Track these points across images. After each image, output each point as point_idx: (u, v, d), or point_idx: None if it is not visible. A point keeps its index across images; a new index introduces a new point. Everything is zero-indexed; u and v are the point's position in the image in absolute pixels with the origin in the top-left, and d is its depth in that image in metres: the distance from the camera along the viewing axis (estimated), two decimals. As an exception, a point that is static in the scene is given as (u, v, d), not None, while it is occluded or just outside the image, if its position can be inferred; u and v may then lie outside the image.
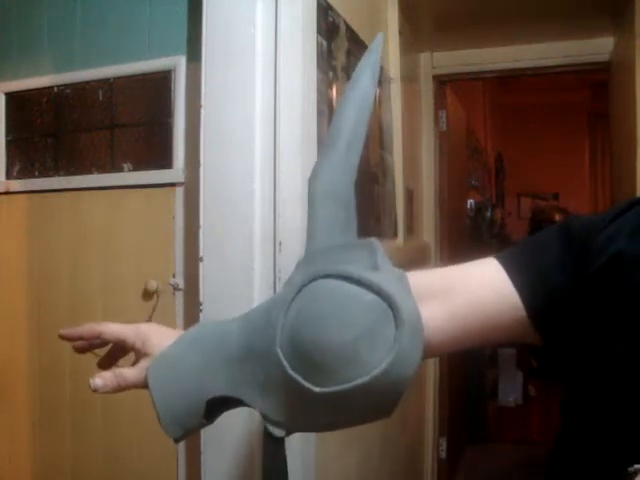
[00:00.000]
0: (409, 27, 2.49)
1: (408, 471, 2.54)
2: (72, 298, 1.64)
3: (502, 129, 6.09)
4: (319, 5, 1.42)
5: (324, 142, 0.65)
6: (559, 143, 5.94)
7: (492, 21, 2.59)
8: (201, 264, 1.28)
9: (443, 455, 3.00)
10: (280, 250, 1.25)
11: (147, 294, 1.53)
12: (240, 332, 0.60)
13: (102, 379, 0.63)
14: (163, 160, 1.54)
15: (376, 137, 2.00)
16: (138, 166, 1.58)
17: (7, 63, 1.76)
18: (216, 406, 0.61)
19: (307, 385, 0.53)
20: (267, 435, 0.58)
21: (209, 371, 0.60)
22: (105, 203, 1.61)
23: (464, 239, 3.72)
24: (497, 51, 2.82)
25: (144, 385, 0.62)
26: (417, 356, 0.53)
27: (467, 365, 3.62)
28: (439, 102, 2.98)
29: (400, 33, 2.27)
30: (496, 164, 5.93)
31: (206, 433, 1.26)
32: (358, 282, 0.54)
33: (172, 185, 1.52)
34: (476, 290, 0.58)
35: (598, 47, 2.70)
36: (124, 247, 1.58)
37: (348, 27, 1.68)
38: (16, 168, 1.75)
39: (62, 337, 0.68)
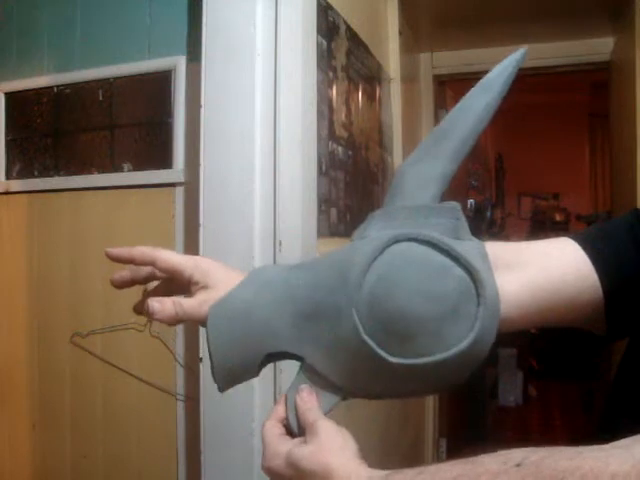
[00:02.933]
0: (409, 27, 2.49)
1: (408, 471, 2.54)
2: (72, 298, 1.64)
3: (502, 129, 6.09)
4: (319, 5, 1.42)
5: (432, 134, 0.62)
6: (559, 143, 5.93)
7: (492, 21, 2.59)
8: (201, 264, 1.27)
9: (443, 455, 3.00)
10: (280, 250, 1.25)
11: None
12: (307, 285, 0.56)
13: (160, 304, 0.58)
14: (163, 160, 1.54)
15: (376, 137, 2.00)
16: (138, 166, 1.58)
17: (7, 63, 1.75)
18: (266, 358, 0.58)
19: (381, 353, 0.51)
20: None
21: (275, 323, 0.56)
22: (105, 203, 1.61)
23: (464, 239, 3.71)
24: (497, 51, 2.81)
25: (200, 319, 0.58)
26: (493, 334, 0.52)
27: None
28: (439, 102, 2.98)
29: (400, 33, 2.27)
30: (496, 164, 5.93)
31: (206, 433, 1.26)
32: (447, 253, 0.52)
33: (172, 185, 1.52)
34: (556, 266, 0.57)
35: (598, 47, 2.71)
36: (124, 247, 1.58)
37: (348, 27, 1.68)
38: (16, 168, 1.75)
39: (110, 256, 0.63)
